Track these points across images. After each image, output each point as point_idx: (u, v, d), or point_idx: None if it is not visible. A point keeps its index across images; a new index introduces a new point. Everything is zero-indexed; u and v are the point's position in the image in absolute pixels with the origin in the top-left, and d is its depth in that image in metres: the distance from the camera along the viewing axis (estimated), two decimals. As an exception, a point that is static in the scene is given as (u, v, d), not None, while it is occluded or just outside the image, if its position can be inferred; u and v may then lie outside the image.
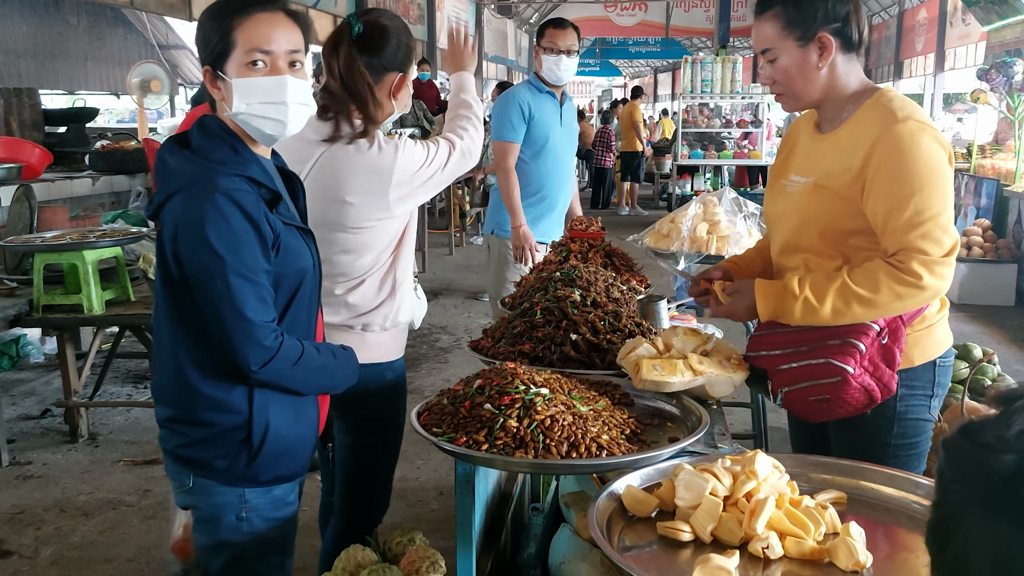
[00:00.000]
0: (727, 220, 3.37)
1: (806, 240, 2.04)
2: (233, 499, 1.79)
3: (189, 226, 1.66)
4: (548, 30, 4.11)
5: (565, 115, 4.26)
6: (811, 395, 1.91)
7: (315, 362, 1.81)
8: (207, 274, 1.66)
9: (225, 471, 1.77)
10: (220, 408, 1.74)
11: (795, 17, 1.96)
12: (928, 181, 1.86)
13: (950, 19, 16.88)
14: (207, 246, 1.65)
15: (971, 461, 0.72)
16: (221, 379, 1.74)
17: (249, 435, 1.76)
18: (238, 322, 1.67)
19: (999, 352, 4.88)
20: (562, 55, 4.05)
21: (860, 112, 1.98)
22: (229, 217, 1.65)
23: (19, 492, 3.94)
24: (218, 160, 1.70)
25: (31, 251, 4.10)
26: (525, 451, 1.63)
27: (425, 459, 4.12)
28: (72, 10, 15.31)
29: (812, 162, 2.07)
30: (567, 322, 2.29)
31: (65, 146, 7.17)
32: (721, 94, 11.74)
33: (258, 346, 1.69)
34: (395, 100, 2.30)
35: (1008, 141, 9.00)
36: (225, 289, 1.66)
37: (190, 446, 1.78)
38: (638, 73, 42.28)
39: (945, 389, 2.08)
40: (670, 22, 25.41)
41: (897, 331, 1.91)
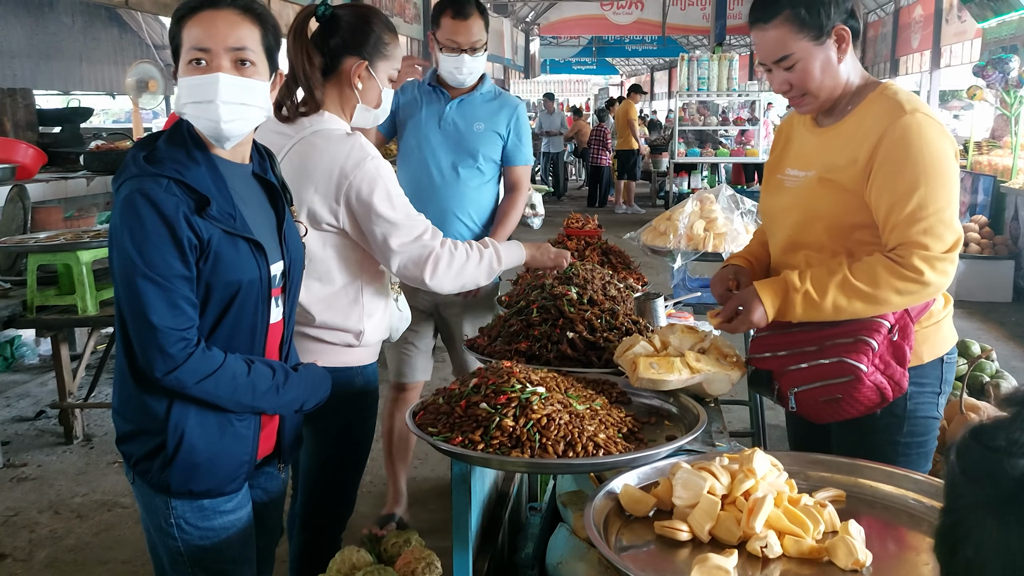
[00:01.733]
0: (724, 217, 3.36)
1: (811, 236, 2.00)
2: (160, 503, 1.75)
3: (114, 226, 1.64)
4: (445, 19, 3.08)
5: (457, 116, 3.17)
6: (822, 395, 1.88)
7: (239, 379, 1.71)
8: (123, 275, 1.62)
9: (147, 473, 1.74)
10: (143, 409, 1.70)
11: (808, 17, 1.89)
12: (933, 175, 1.82)
13: (946, 16, 16.89)
14: (122, 247, 1.61)
15: (982, 465, 0.70)
16: (145, 381, 1.68)
17: (164, 443, 1.70)
18: (143, 326, 1.62)
19: (997, 348, 4.87)
20: (464, 54, 3.09)
21: (865, 104, 1.94)
22: (144, 218, 1.60)
23: (13, 494, 3.92)
24: (159, 160, 1.65)
25: (25, 252, 4.07)
26: (521, 450, 1.61)
27: (422, 458, 4.10)
28: (67, 10, 15.27)
29: (812, 155, 2.02)
30: (564, 320, 2.27)
31: (60, 146, 7.14)
32: (718, 92, 11.74)
33: (161, 353, 1.62)
34: (357, 90, 2.23)
35: (1004, 137, 8.99)
36: (135, 292, 1.61)
37: (124, 441, 1.76)
38: (634, 71, 42.32)
39: (951, 386, 2.05)
40: (666, 20, 25.40)
41: (906, 328, 1.89)
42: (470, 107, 3.18)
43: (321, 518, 2.37)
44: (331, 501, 2.37)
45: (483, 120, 3.16)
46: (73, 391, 4.54)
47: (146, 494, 1.77)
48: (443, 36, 3.08)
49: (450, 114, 3.16)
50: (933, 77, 17.47)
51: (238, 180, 1.76)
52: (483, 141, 3.16)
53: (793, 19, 1.89)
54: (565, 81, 38.01)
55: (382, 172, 2.15)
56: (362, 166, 2.12)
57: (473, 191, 3.17)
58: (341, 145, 2.14)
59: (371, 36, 2.23)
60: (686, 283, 3.48)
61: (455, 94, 3.18)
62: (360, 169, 2.12)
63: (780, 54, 1.93)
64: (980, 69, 8.12)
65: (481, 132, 3.16)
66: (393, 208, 2.16)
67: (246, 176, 1.80)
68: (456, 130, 3.15)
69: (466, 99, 3.18)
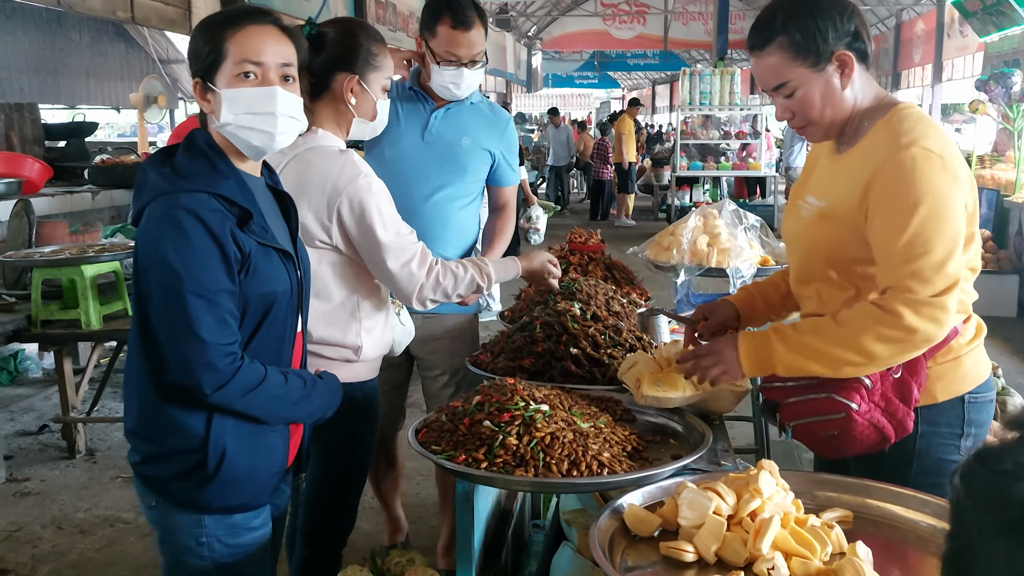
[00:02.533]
0: (727, 232, 3.36)
1: (815, 269, 1.91)
2: (190, 523, 1.74)
3: (150, 241, 1.63)
4: (443, 28, 2.70)
5: (443, 128, 2.83)
6: (820, 431, 1.81)
7: (278, 390, 1.72)
8: (163, 291, 1.62)
9: (179, 494, 1.72)
10: (176, 429, 1.69)
11: (802, 43, 1.78)
12: (927, 215, 1.67)
13: (947, 30, 16.94)
14: (165, 263, 1.61)
15: (988, 488, 0.70)
16: (179, 400, 1.67)
17: (204, 460, 1.68)
18: (192, 343, 1.61)
19: (1002, 364, 4.85)
20: (463, 68, 2.75)
21: (872, 132, 1.82)
22: (191, 234, 1.61)
23: (16, 509, 3.91)
24: (187, 175, 1.66)
25: (29, 266, 4.08)
26: (525, 469, 1.61)
27: (425, 475, 4.09)
28: (74, 26, 15.37)
29: (826, 185, 1.92)
30: (567, 336, 2.27)
31: (65, 160, 7.18)
32: (720, 106, 11.76)
33: (212, 369, 1.62)
34: (351, 105, 2.23)
35: (1007, 151, 9.00)
36: (181, 307, 1.60)
37: (148, 462, 1.74)
38: (636, 85, 42.45)
39: (983, 428, 1.87)
40: (668, 35, 25.49)
41: (916, 363, 1.76)
42: (457, 118, 2.84)
43: (323, 532, 2.36)
44: (333, 515, 2.37)
45: (471, 134, 2.84)
46: (76, 405, 4.54)
47: (170, 515, 1.75)
48: (440, 47, 2.71)
49: (435, 125, 2.81)
50: (935, 91, 17.52)
51: (258, 192, 1.79)
52: (472, 157, 2.85)
53: (788, 45, 1.79)
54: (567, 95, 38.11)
55: (374, 190, 2.16)
56: (354, 183, 2.12)
57: (457, 213, 2.85)
58: (334, 162, 2.15)
59: (359, 50, 2.23)
60: (689, 298, 3.48)
61: (440, 103, 2.84)
62: (352, 186, 2.12)
63: (776, 82, 1.83)
64: (982, 83, 8.14)
65: (469, 147, 2.84)
66: (384, 227, 2.16)
67: (263, 188, 1.84)
68: (442, 143, 2.80)
69: (453, 108, 2.84)
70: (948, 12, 16.43)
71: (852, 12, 1.82)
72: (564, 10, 26.14)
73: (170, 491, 1.72)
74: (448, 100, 2.83)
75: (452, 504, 3.16)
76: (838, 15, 1.79)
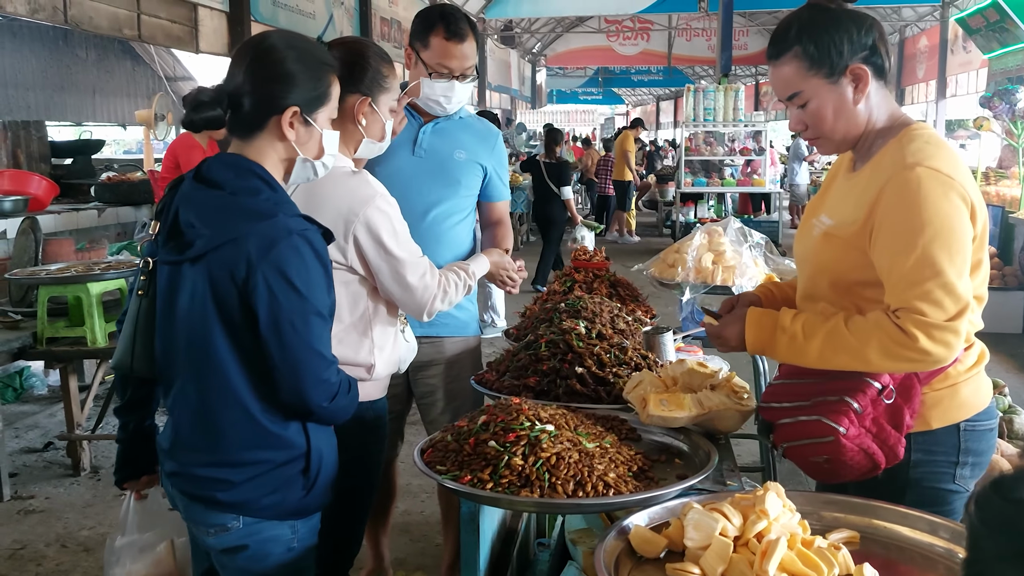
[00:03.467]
0: (732, 250, 3.35)
1: (819, 289, 1.90)
2: (285, 531, 1.82)
3: (267, 266, 1.68)
4: (436, 40, 2.65)
5: (434, 142, 2.77)
6: (810, 455, 1.78)
7: (352, 394, 1.88)
8: (284, 313, 1.69)
9: (277, 506, 1.78)
10: (278, 445, 1.77)
11: (817, 54, 1.78)
12: (933, 236, 1.66)
13: (951, 46, 16.98)
14: (289, 286, 1.69)
15: (1004, 516, 0.70)
16: (279, 415, 1.76)
17: (307, 467, 1.79)
18: (313, 360, 1.72)
19: (1008, 382, 4.83)
20: (454, 80, 2.70)
21: (882, 151, 1.81)
22: (307, 260, 1.71)
23: (21, 527, 3.91)
24: (278, 201, 1.75)
25: (36, 284, 4.10)
26: (531, 490, 1.61)
27: (429, 492, 4.08)
28: (81, 43, 15.48)
29: (838, 203, 1.90)
30: (572, 355, 2.26)
31: (72, 178, 7.23)
32: (724, 122, 11.77)
33: (326, 384, 1.75)
34: (361, 126, 2.24)
35: (1012, 168, 9.00)
36: (303, 328, 1.71)
37: (236, 487, 1.76)
38: (640, 101, 42.56)
39: (983, 456, 1.85)
40: (672, 51, 25.60)
41: (910, 389, 1.75)
42: (447, 132, 2.79)
43: (331, 554, 2.35)
44: (341, 536, 2.36)
45: (464, 147, 2.79)
46: (82, 422, 4.54)
47: (260, 529, 1.79)
48: (432, 58, 2.66)
49: (424, 139, 2.75)
50: (939, 107, 17.53)
51: None
52: (466, 171, 2.80)
53: (803, 56, 1.79)
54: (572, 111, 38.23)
55: (389, 209, 2.17)
56: (370, 204, 2.13)
57: (452, 229, 2.79)
58: (347, 183, 2.15)
59: (368, 71, 2.24)
60: (695, 316, 3.47)
61: (428, 118, 2.79)
62: (368, 207, 2.13)
63: (789, 91, 1.84)
64: (986, 100, 8.15)
65: (463, 161, 2.78)
66: (399, 245, 2.18)
67: None
68: (434, 158, 2.75)
69: (442, 123, 2.78)
70: (952, 28, 16.46)
71: (871, 26, 1.81)
72: (568, 27, 26.26)
73: (264, 506, 1.78)
74: (436, 115, 2.78)
75: (456, 523, 3.13)
76: (856, 28, 1.79)
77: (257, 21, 10.52)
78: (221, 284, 1.70)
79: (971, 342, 1.85)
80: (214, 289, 1.71)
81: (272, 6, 11.07)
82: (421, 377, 2.86)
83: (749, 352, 1.92)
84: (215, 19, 9.90)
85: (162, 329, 1.81)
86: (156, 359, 1.83)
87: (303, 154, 1.83)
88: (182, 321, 1.76)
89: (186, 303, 1.75)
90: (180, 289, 1.76)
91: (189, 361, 1.76)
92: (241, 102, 1.76)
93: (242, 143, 1.80)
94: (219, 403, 1.75)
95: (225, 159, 1.78)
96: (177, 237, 1.75)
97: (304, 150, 1.83)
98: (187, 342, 1.76)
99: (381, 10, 15.15)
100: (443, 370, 2.84)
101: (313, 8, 12.34)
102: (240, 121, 1.78)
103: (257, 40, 1.83)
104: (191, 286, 1.73)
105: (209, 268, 1.71)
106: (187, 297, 1.74)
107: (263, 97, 1.76)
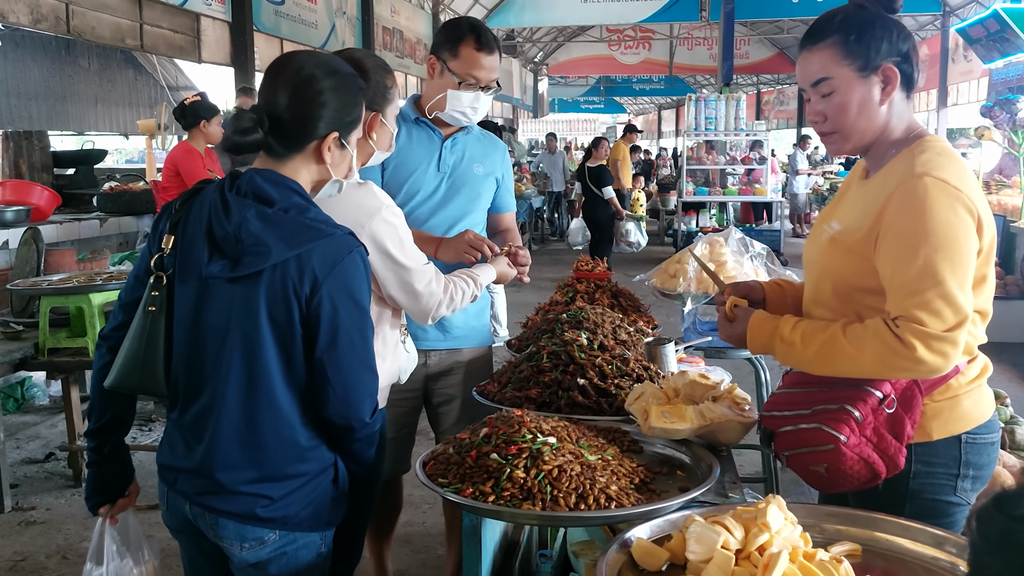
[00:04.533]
0: (734, 261, 3.36)
1: (822, 295, 1.92)
2: (316, 541, 1.84)
3: (333, 282, 1.70)
4: (466, 49, 2.66)
5: (454, 157, 2.79)
6: (811, 463, 1.78)
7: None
8: (345, 328, 1.72)
9: (312, 517, 1.80)
10: (313, 458, 1.78)
11: (856, 46, 1.79)
12: (937, 246, 1.67)
13: (952, 55, 17.02)
14: (352, 301, 1.73)
15: (1006, 534, 0.70)
16: (314, 430, 1.78)
17: (336, 478, 1.83)
18: (366, 376, 1.77)
19: (1010, 392, 4.81)
20: (480, 92, 2.72)
21: (894, 162, 1.82)
22: (364, 272, 1.76)
23: (22, 539, 3.90)
24: (326, 219, 1.76)
25: (37, 294, 4.10)
26: (533, 503, 1.60)
27: (431, 503, 4.07)
28: (83, 53, 15.55)
29: (848, 210, 1.91)
30: (574, 366, 2.27)
31: (74, 188, 7.24)
32: (725, 131, 11.80)
33: (372, 398, 1.79)
34: (372, 141, 2.24)
35: (1014, 177, 9.00)
36: (361, 343, 1.75)
37: (276, 503, 1.75)
38: (642, 110, 42.67)
39: (983, 470, 1.84)
40: (674, 60, 25.68)
41: (912, 400, 1.75)
42: (464, 146, 2.82)
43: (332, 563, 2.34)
44: (341, 549, 2.35)
45: (481, 161, 2.84)
46: (83, 433, 4.53)
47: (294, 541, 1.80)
48: (461, 68, 2.66)
49: (446, 155, 2.78)
50: (940, 116, 17.56)
51: None
52: (484, 185, 2.86)
53: (841, 44, 1.80)
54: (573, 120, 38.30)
55: (394, 220, 2.19)
56: (377, 215, 2.15)
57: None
58: (354, 195, 2.15)
59: (374, 86, 2.24)
60: (696, 326, 3.47)
61: (446, 130, 2.81)
62: (375, 218, 2.14)
63: (819, 75, 1.83)
64: (987, 110, 8.16)
65: (482, 175, 2.83)
66: (405, 254, 2.20)
67: None
68: (456, 173, 2.78)
69: (458, 137, 2.81)
70: (952, 37, 16.51)
71: (908, 35, 1.84)
72: (570, 36, 26.36)
73: (301, 520, 1.79)
74: (454, 129, 2.80)
75: (458, 534, 3.15)
76: (896, 32, 1.82)
77: (259, 31, 10.56)
78: (280, 301, 1.69)
79: (974, 355, 1.85)
80: (270, 306, 1.69)
81: (274, 16, 11.11)
82: (440, 386, 2.87)
83: (751, 351, 1.96)
84: (217, 29, 9.95)
85: (185, 346, 1.77)
86: (173, 376, 1.79)
87: (335, 175, 1.85)
88: (214, 337, 1.73)
89: (219, 319, 1.72)
90: (209, 305, 1.73)
91: (231, 378, 1.73)
92: (281, 125, 1.76)
93: (275, 161, 1.79)
94: (266, 419, 1.73)
95: (265, 175, 1.75)
96: (220, 253, 1.71)
97: (336, 171, 1.85)
98: (229, 359, 1.72)
99: (383, 20, 15.21)
100: (462, 379, 2.85)
101: (315, 18, 12.39)
102: (277, 142, 1.78)
103: (297, 66, 1.79)
104: (232, 303, 1.71)
105: (267, 285, 1.69)
106: (220, 313, 1.72)
107: (305, 123, 1.77)
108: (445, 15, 17.53)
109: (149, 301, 1.78)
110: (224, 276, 1.70)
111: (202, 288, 1.74)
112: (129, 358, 1.78)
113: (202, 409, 1.77)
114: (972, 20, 12.97)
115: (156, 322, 1.77)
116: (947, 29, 16.83)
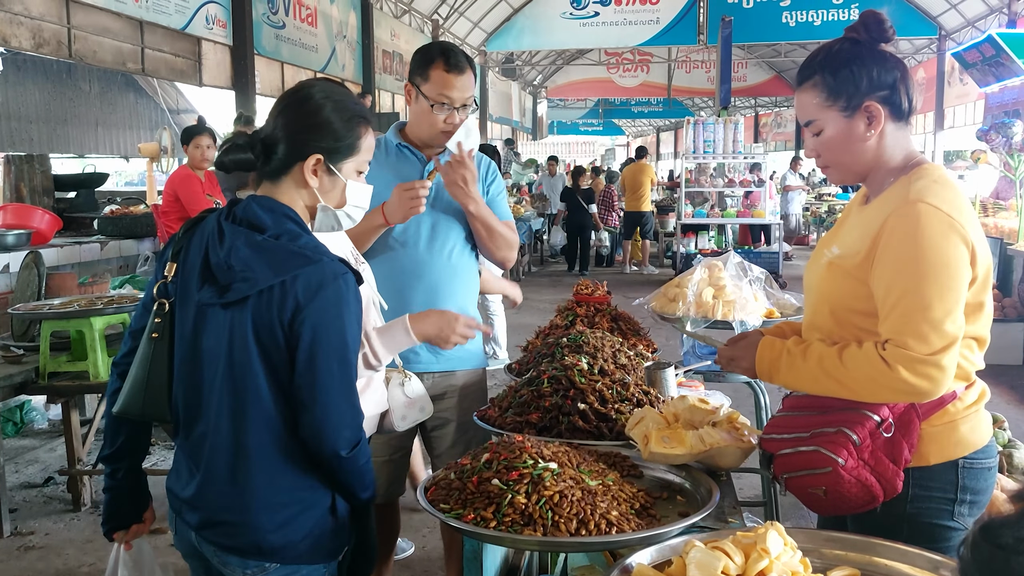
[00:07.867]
0: (733, 285, 3.37)
1: (820, 318, 1.94)
2: (320, 570, 1.81)
3: (314, 309, 1.69)
4: (436, 72, 2.65)
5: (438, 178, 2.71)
6: (809, 486, 1.80)
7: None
8: (322, 354, 1.69)
9: (312, 549, 1.77)
10: (309, 486, 1.77)
11: (835, 86, 1.83)
12: (927, 271, 1.70)
13: (948, 78, 17.15)
14: (332, 329, 1.70)
15: (992, 562, 0.71)
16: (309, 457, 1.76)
17: (334, 506, 1.80)
18: (342, 405, 1.73)
19: (1008, 415, 4.80)
20: (455, 111, 2.69)
21: (891, 189, 1.84)
22: (351, 305, 1.73)
23: (20, 564, 3.88)
24: (316, 246, 1.75)
25: (38, 318, 4.11)
26: (534, 528, 1.61)
27: (431, 527, 4.06)
28: (84, 76, 15.63)
29: (846, 235, 1.94)
30: (575, 391, 2.28)
31: (75, 211, 7.26)
32: (723, 154, 11.86)
33: (351, 430, 1.74)
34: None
35: (1009, 199, 9.05)
36: (341, 372, 1.72)
37: (281, 530, 1.75)
38: (640, 132, 42.84)
39: (981, 495, 1.85)
40: (672, 83, 25.85)
41: (909, 424, 1.77)
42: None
43: None
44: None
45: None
46: (82, 457, 4.53)
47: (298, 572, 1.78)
48: (432, 91, 2.65)
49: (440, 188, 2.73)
50: (937, 138, 17.66)
51: None
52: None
53: (822, 85, 1.84)
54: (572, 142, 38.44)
55: None
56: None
57: (465, 261, 2.82)
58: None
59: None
60: (696, 350, 3.48)
61: (430, 155, 2.77)
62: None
63: (806, 118, 1.90)
64: (984, 133, 8.22)
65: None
66: None
67: None
68: (441, 195, 2.73)
69: (441, 157, 2.73)
70: (948, 61, 16.64)
71: (894, 66, 1.85)
72: (568, 59, 26.54)
73: (301, 552, 1.76)
74: (432, 150, 2.77)
75: (458, 558, 3.14)
76: (877, 67, 1.83)
77: (260, 54, 10.65)
78: (266, 327, 1.70)
79: (972, 381, 1.86)
80: (257, 332, 1.70)
81: (275, 40, 11.20)
82: (434, 410, 2.83)
83: (757, 376, 1.97)
84: (218, 52, 10.02)
85: (185, 372, 1.79)
86: (174, 402, 1.80)
87: (324, 201, 1.84)
88: (210, 363, 1.75)
89: (214, 345, 1.73)
90: (205, 331, 1.75)
91: (223, 404, 1.74)
92: (274, 147, 1.80)
93: (271, 186, 1.82)
94: (258, 446, 1.73)
95: (261, 202, 1.78)
96: (211, 280, 1.73)
97: (326, 198, 1.84)
98: (221, 385, 1.74)
99: (383, 43, 15.32)
100: (456, 402, 2.84)
101: (316, 42, 12.49)
102: (270, 165, 1.82)
103: (296, 88, 1.86)
104: (224, 328, 1.72)
105: (254, 311, 1.70)
106: (215, 339, 1.73)
107: (291, 143, 1.79)
108: (444, 38, 17.66)
109: (152, 328, 1.80)
110: (214, 302, 1.72)
111: (199, 314, 1.76)
112: (134, 384, 1.80)
113: (200, 434, 1.78)
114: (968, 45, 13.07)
115: (159, 348, 1.79)
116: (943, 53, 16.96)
